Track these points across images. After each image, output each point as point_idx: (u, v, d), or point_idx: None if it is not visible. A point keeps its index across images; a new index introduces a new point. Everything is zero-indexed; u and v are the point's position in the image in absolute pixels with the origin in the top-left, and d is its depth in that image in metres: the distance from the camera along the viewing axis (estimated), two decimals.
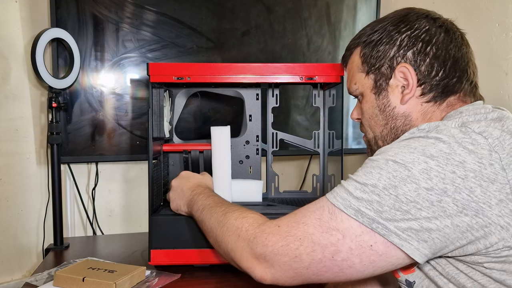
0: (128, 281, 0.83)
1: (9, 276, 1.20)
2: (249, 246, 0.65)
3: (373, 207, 0.57)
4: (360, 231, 0.57)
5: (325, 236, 0.59)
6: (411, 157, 0.57)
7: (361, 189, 0.58)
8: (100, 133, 1.25)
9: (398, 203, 0.56)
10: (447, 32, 0.70)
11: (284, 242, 0.61)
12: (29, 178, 1.23)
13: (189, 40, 1.32)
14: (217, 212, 0.77)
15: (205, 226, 0.80)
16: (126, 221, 1.39)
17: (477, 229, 0.54)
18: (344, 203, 0.59)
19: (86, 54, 1.23)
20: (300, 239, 0.61)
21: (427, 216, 0.55)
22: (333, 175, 1.05)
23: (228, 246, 0.70)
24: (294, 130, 1.44)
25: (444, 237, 0.55)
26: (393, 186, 0.56)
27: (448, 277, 0.60)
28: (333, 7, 1.47)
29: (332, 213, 0.60)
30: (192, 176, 0.95)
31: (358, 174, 0.61)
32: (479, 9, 1.17)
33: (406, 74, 0.69)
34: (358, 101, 0.80)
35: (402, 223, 0.55)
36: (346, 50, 0.80)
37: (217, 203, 0.81)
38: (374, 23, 0.75)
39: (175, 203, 0.92)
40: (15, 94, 1.19)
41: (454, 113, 0.67)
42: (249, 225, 0.68)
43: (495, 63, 1.12)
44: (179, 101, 1.11)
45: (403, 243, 0.56)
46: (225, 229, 0.72)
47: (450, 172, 0.54)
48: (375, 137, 0.76)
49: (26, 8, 1.20)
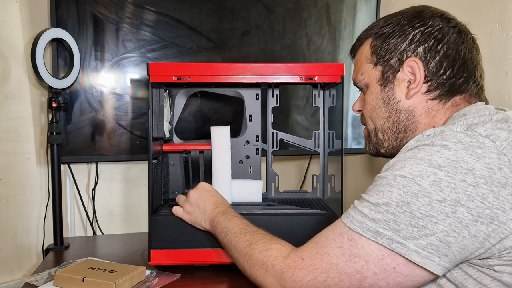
0: (128, 281, 0.83)
1: (9, 276, 1.20)
2: (278, 282, 0.65)
3: (390, 227, 0.56)
4: (381, 254, 0.57)
5: (349, 264, 0.59)
6: (419, 170, 0.56)
7: (375, 210, 0.58)
8: (100, 133, 1.25)
9: (413, 219, 0.55)
10: (460, 34, 0.71)
11: (311, 276, 0.62)
12: (29, 178, 1.23)
13: (189, 40, 1.32)
14: (241, 242, 0.76)
15: (230, 253, 0.80)
16: (126, 221, 1.39)
17: (494, 237, 0.54)
18: (362, 226, 0.59)
19: (86, 54, 1.23)
20: (326, 271, 0.61)
21: (445, 229, 0.54)
22: (333, 175, 1.05)
23: (257, 280, 0.70)
24: (294, 130, 1.44)
25: (463, 249, 0.55)
26: (406, 202, 0.56)
27: (456, 282, 0.60)
28: (333, 7, 1.47)
29: (351, 239, 0.60)
30: (213, 190, 0.93)
31: (369, 194, 0.61)
32: (479, 9, 1.17)
33: (414, 68, 0.69)
34: (362, 92, 0.80)
35: (421, 240, 0.55)
36: (356, 41, 0.80)
37: (241, 229, 0.79)
38: (387, 16, 0.75)
39: (194, 217, 0.89)
40: (15, 94, 1.19)
41: (458, 115, 0.66)
42: (274, 259, 0.68)
43: (495, 63, 1.12)
44: (179, 101, 1.11)
45: (425, 261, 0.56)
46: (252, 262, 0.71)
47: (460, 180, 0.54)
48: (375, 129, 0.76)
49: (26, 8, 1.20)
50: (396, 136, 0.74)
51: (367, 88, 0.76)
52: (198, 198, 0.90)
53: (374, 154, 0.80)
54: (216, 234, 0.85)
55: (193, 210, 0.89)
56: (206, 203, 0.89)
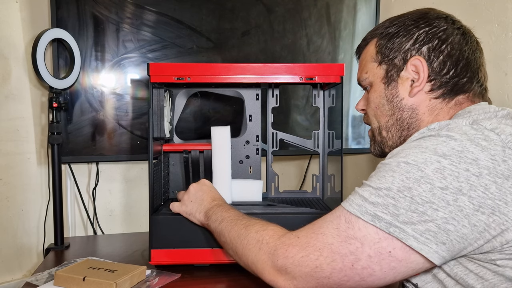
0: (128, 280, 0.83)
1: (10, 276, 1.21)
2: (270, 259, 0.65)
3: (389, 211, 0.56)
4: (378, 237, 0.57)
5: (344, 245, 0.59)
6: (423, 157, 0.57)
7: (375, 194, 0.58)
8: (100, 133, 1.26)
9: (414, 204, 0.55)
10: (464, 35, 0.72)
11: (304, 253, 0.62)
12: (30, 178, 1.23)
13: (189, 40, 1.32)
14: (238, 225, 0.76)
15: (223, 238, 0.80)
16: (127, 221, 1.39)
17: (494, 228, 0.54)
18: (360, 209, 0.59)
19: (87, 54, 1.23)
20: (319, 249, 0.61)
21: (444, 216, 0.54)
22: (333, 175, 1.05)
23: (249, 259, 0.70)
24: (294, 130, 1.44)
25: (462, 238, 0.55)
26: (408, 188, 0.56)
27: (456, 278, 0.60)
28: (333, 7, 1.47)
29: (349, 221, 0.60)
30: (213, 187, 0.94)
31: (371, 180, 0.61)
32: (479, 9, 1.18)
33: (418, 67, 0.70)
34: (366, 91, 0.80)
35: (419, 225, 0.55)
36: (362, 41, 0.81)
37: (238, 216, 0.80)
38: (392, 18, 0.77)
39: (189, 207, 0.90)
40: (16, 94, 1.19)
41: (463, 112, 0.67)
42: (269, 238, 0.68)
43: (494, 63, 1.12)
44: (179, 101, 1.12)
45: (422, 247, 0.55)
46: (246, 242, 0.72)
47: (464, 170, 0.54)
48: (380, 127, 0.77)
49: (26, 8, 1.20)
50: (399, 134, 0.74)
51: (371, 87, 0.77)
52: (198, 191, 0.92)
53: (379, 155, 0.80)
54: (210, 223, 0.85)
55: (190, 201, 0.91)
56: (204, 196, 0.90)
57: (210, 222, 0.85)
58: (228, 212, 0.83)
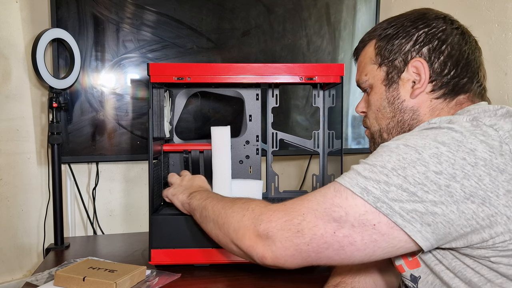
0: (128, 280, 0.83)
1: (10, 276, 1.21)
2: (253, 223, 0.65)
3: (380, 187, 0.57)
4: (364, 210, 0.57)
5: (328, 212, 0.59)
6: (423, 142, 0.57)
7: (369, 169, 0.59)
8: (100, 133, 1.26)
9: (405, 184, 0.56)
10: (463, 35, 0.72)
11: (288, 217, 0.62)
12: (30, 178, 1.23)
13: (189, 40, 1.32)
14: (224, 200, 0.77)
15: (205, 212, 0.80)
16: (127, 221, 1.40)
17: (483, 218, 0.54)
18: (351, 182, 0.59)
19: (87, 54, 1.23)
20: (303, 214, 0.61)
21: (434, 199, 0.55)
22: (332, 175, 1.05)
23: (230, 227, 0.70)
24: (294, 130, 1.45)
25: (448, 223, 0.55)
26: (402, 167, 0.57)
27: (455, 271, 0.60)
28: (333, 7, 1.47)
29: (337, 191, 0.60)
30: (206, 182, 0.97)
31: (369, 158, 0.61)
32: (478, 9, 1.18)
33: (419, 69, 0.70)
34: (365, 93, 0.80)
35: (407, 204, 0.56)
36: (360, 43, 0.81)
37: (224, 196, 0.82)
38: (390, 19, 0.76)
39: (177, 189, 0.93)
40: (16, 94, 1.19)
41: (462, 111, 0.68)
42: (255, 205, 0.68)
43: (494, 63, 1.12)
44: (179, 101, 1.12)
45: (406, 224, 0.56)
46: (230, 211, 0.71)
47: (461, 158, 0.55)
48: (380, 130, 0.77)
49: (26, 8, 1.20)
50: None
51: (371, 89, 0.77)
52: (191, 178, 0.95)
53: None
54: (192, 201, 0.85)
55: (179, 183, 0.94)
56: (195, 183, 0.93)
57: (192, 201, 0.86)
58: (215, 193, 0.86)
